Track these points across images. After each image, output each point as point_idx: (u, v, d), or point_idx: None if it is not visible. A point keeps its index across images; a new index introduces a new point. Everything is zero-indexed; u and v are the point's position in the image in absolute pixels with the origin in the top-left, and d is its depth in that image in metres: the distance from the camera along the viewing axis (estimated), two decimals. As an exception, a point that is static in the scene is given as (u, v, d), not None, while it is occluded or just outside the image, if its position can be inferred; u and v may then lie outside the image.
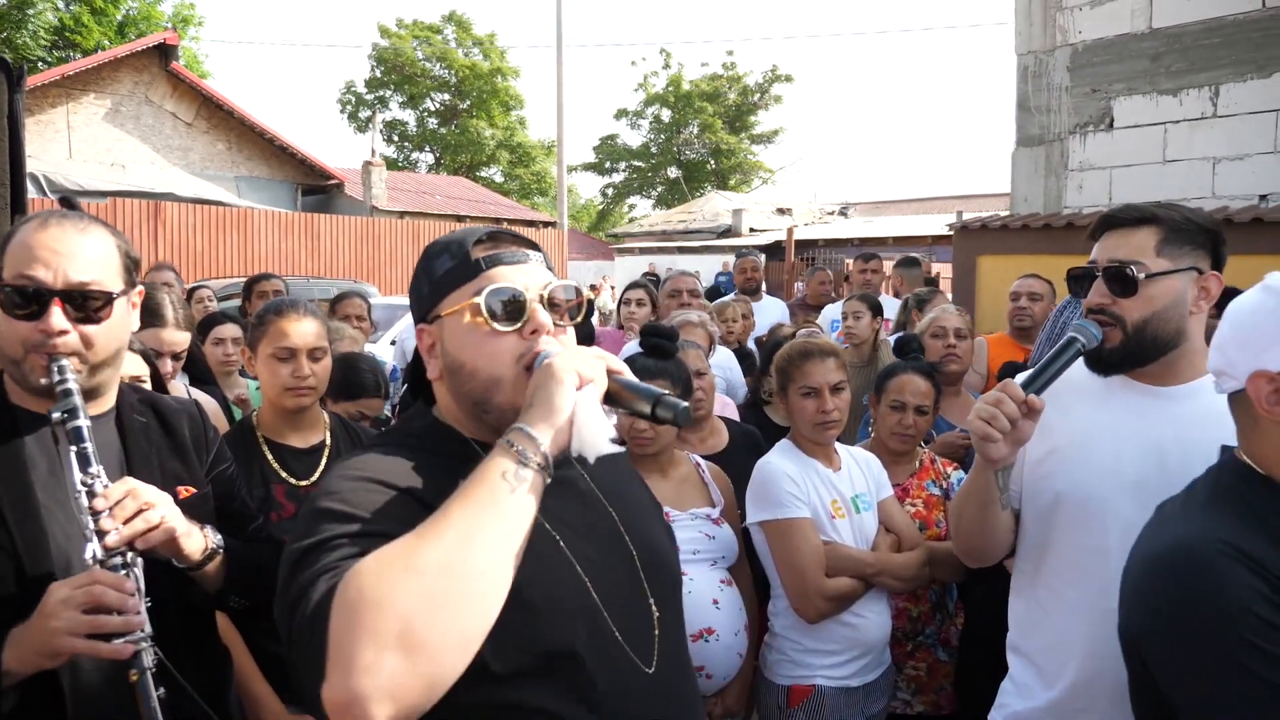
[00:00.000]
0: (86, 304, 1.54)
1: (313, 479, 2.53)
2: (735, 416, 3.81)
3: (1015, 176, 8.62)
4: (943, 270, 10.35)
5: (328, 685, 1.01)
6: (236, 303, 9.94)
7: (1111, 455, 1.86)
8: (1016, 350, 4.53)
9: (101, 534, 1.42)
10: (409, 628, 1.00)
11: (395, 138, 40.12)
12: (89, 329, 1.54)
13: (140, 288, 1.70)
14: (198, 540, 1.60)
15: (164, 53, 20.65)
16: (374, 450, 1.34)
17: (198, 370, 3.85)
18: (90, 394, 1.60)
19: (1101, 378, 1.91)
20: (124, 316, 1.63)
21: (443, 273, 1.35)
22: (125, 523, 1.44)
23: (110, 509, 1.44)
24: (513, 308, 1.30)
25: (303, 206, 22.42)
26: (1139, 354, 1.86)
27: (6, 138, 3.85)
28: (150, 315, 2.95)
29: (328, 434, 2.63)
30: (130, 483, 1.50)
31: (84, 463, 1.45)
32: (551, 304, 1.34)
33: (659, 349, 2.85)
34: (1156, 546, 1.44)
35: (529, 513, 1.13)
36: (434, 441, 1.36)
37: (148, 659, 1.39)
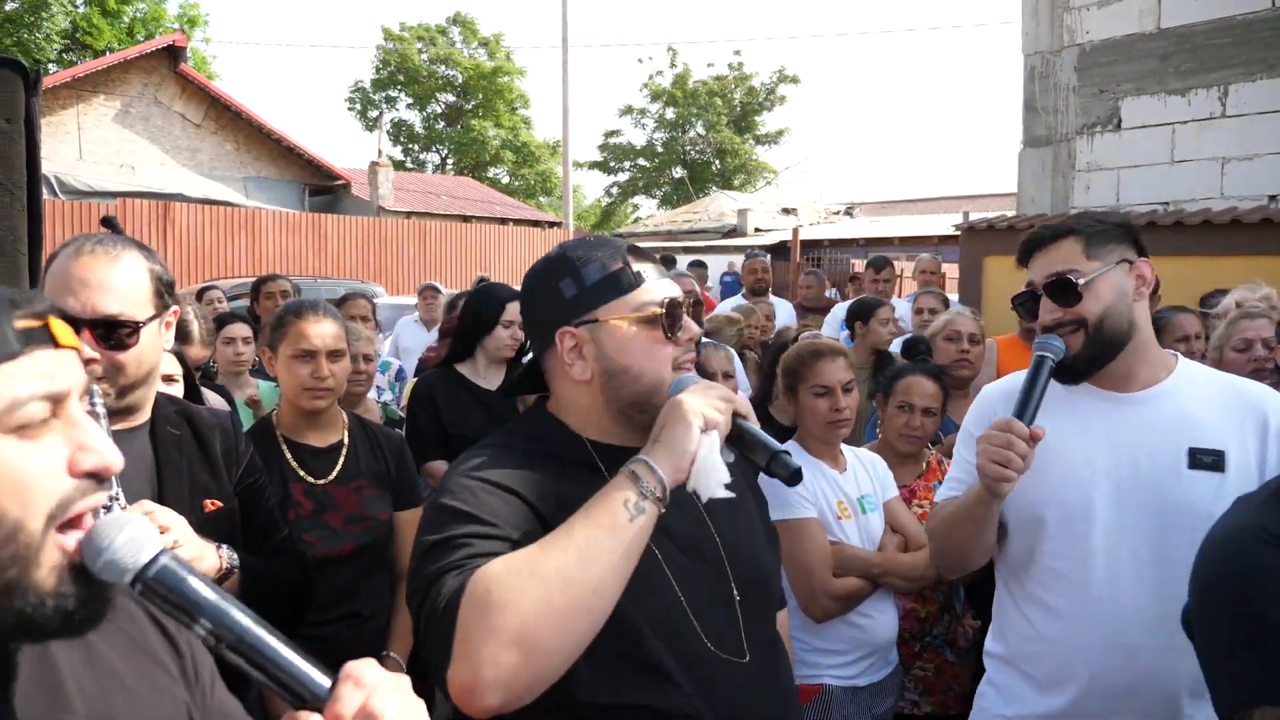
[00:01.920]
0: (115, 333, 1.61)
1: (330, 478, 2.57)
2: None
3: (1022, 177, 8.61)
4: (949, 270, 10.32)
5: (454, 669, 1.15)
6: (244, 302, 10.00)
7: (1085, 464, 1.91)
8: (1026, 351, 4.53)
9: None
10: (526, 630, 1.14)
11: (402, 138, 40.17)
12: (118, 355, 1.61)
13: (175, 309, 1.76)
14: (211, 561, 1.63)
15: (173, 54, 20.73)
16: (495, 450, 1.44)
17: (204, 369, 3.89)
18: (125, 411, 1.66)
19: (1065, 390, 1.95)
20: (154, 340, 1.68)
21: (597, 280, 1.44)
22: None
23: None
24: (674, 319, 1.43)
25: (310, 207, 22.47)
26: (1103, 353, 1.91)
27: (23, 140, 3.91)
28: (179, 335, 3.02)
29: (346, 433, 2.67)
30: (147, 505, 1.53)
31: None
32: (689, 313, 1.48)
33: None
34: (1212, 533, 1.48)
35: (643, 540, 1.25)
36: (555, 443, 1.46)
37: None
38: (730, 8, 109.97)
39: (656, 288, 1.45)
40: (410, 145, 40.52)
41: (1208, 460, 1.84)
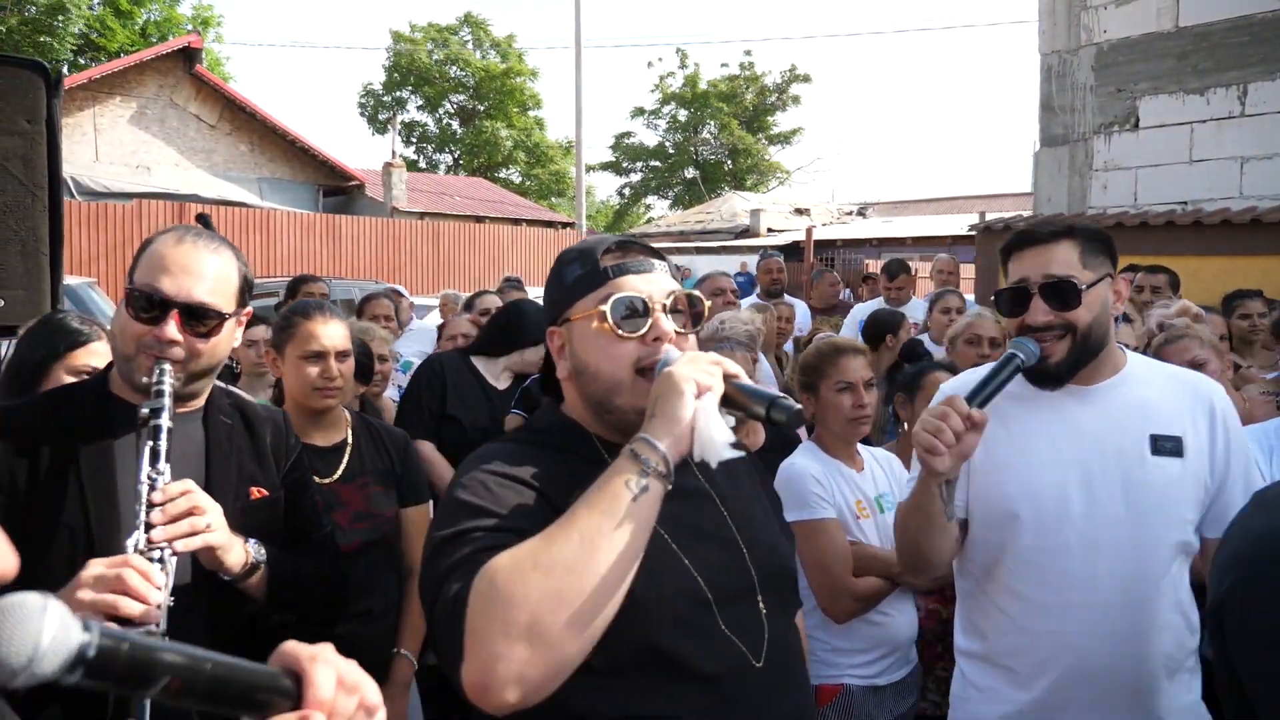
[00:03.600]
0: (201, 320, 1.66)
1: (335, 477, 2.59)
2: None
3: (1039, 176, 8.58)
4: (964, 270, 10.28)
5: (466, 667, 1.14)
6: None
7: (1054, 457, 1.95)
8: None
9: (149, 526, 1.48)
10: (536, 621, 1.12)
11: (414, 139, 40.30)
12: (197, 342, 1.67)
13: (249, 309, 1.82)
14: (238, 554, 1.65)
15: (188, 56, 20.87)
16: (505, 445, 1.44)
17: (228, 369, 3.92)
18: (184, 396, 1.71)
19: (1031, 387, 1.98)
20: (230, 334, 1.75)
21: (573, 279, 1.44)
22: (173, 520, 1.50)
23: (163, 504, 1.50)
24: (636, 315, 1.38)
25: (324, 208, 22.58)
26: (1083, 360, 1.95)
27: (45, 142, 3.95)
28: None
29: (349, 432, 2.69)
30: (189, 484, 1.56)
31: (154, 458, 1.52)
32: (674, 312, 1.41)
33: None
34: (1251, 530, 1.45)
35: (650, 519, 1.22)
36: (561, 438, 1.46)
37: None
38: (742, 7, 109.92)
39: (622, 283, 1.40)
40: (423, 146, 40.66)
41: (1168, 446, 1.91)
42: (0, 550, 0.74)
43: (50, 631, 0.68)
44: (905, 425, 3.24)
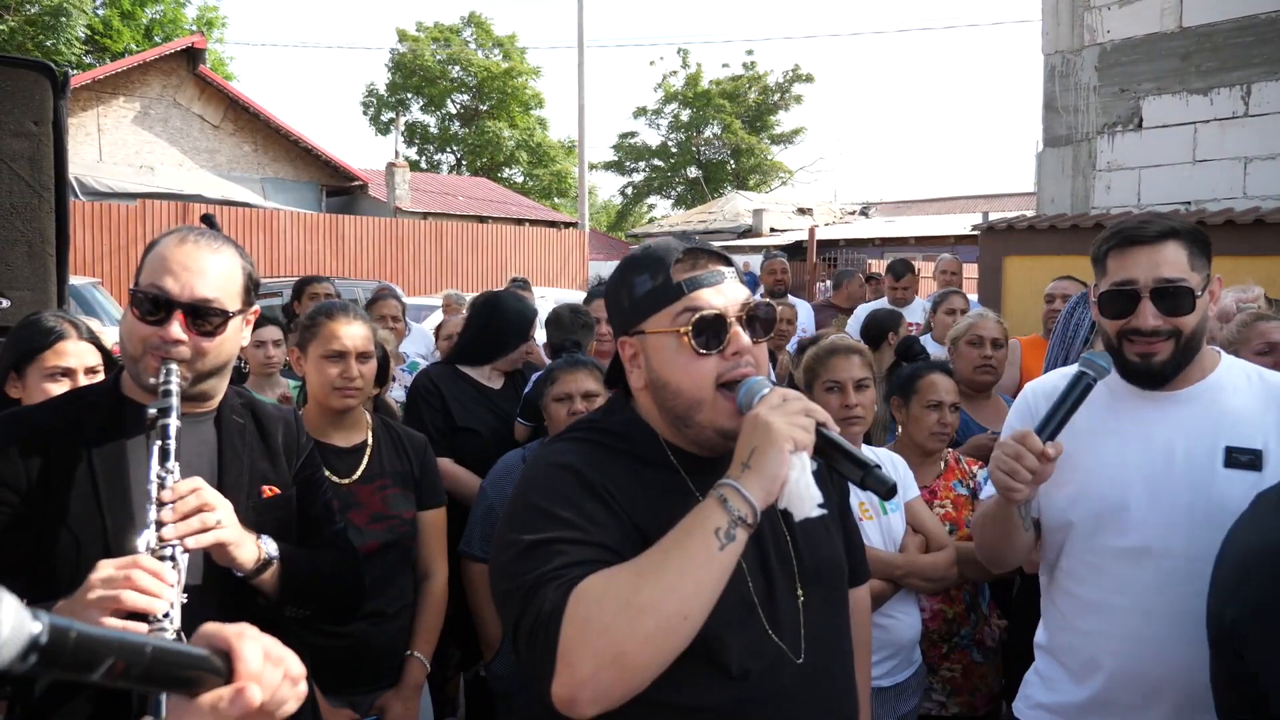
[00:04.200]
0: (205, 319, 1.67)
1: (355, 477, 2.60)
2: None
3: (1042, 177, 8.57)
4: (967, 270, 10.28)
5: (557, 682, 1.23)
6: (265, 303, 10.08)
7: (1119, 462, 1.92)
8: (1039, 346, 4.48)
9: (160, 525, 1.49)
10: (622, 653, 1.21)
11: (417, 139, 40.31)
12: (203, 341, 1.67)
13: (256, 307, 1.82)
14: (250, 550, 1.65)
15: (192, 56, 20.89)
16: (577, 446, 1.46)
17: (237, 370, 3.93)
18: (196, 397, 1.72)
19: (1107, 390, 1.94)
20: (236, 333, 1.75)
21: (644, 291, 1.44)
22: (183, 518, 1.51)
23: (173, 503, 1.51)
24: (715, 331, 1.39)
25: (327, 208, 22.60)
26: (1185, 363, 1.89)
27: (51, 143, 3.96)
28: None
29: (370, 434, 2.70)
30: (198, 482, 1.56)
31: (163, 457, 1.53)
32: (748, 321, 1.43)
33: None
34: (1260, 540, 1.43)
35: (731, 564, 1.27)
36: (635, 442, 1.47)
37: None
38: (744, 7, 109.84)
39: (698, 298, 1.40)
40: (425, 146, 40.67)
41: (1244, 459, 1.83)
42: None
43: (8, 623, 0.71)
44: (900, 428, 3.24)
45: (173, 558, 1.47)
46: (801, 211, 27.71)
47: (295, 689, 0.96)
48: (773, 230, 24.91)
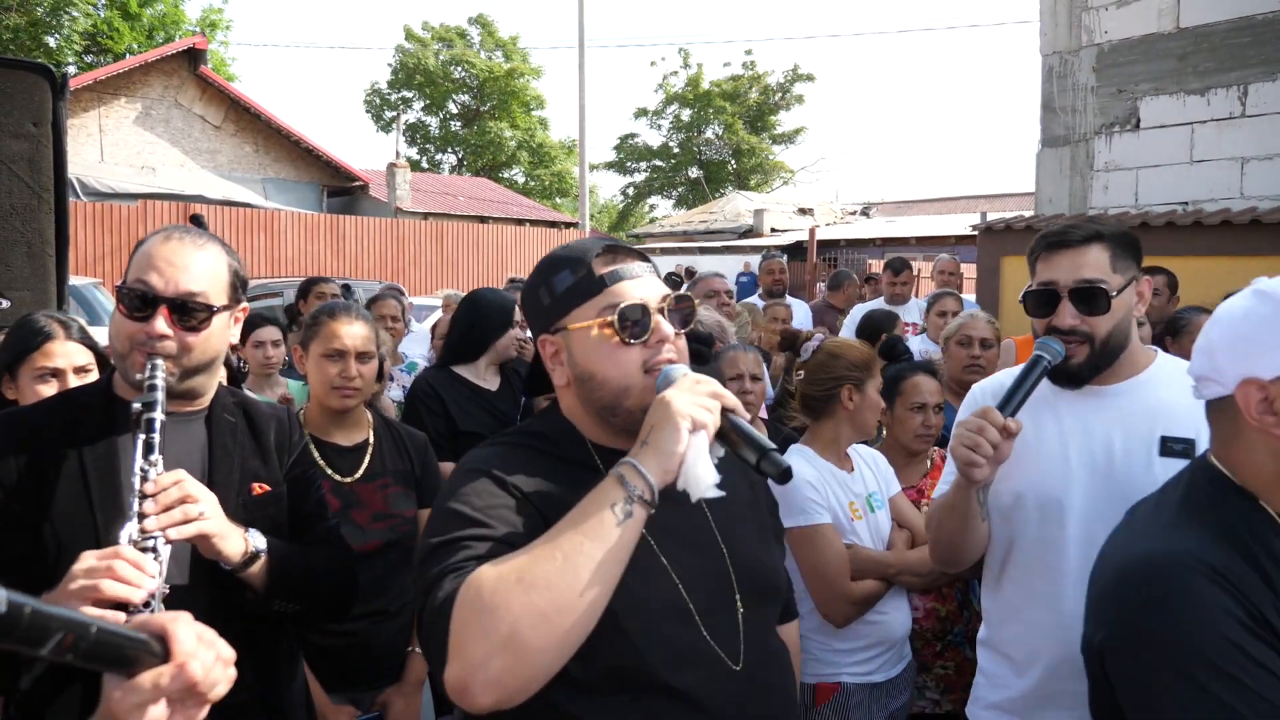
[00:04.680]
0: (190, 314, 1.69)
1: (356, 476, 2.62)
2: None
3: (1040, 177, 8.58)
4: (967, 270, 10.29)
5: (449, 669, 1.20)
6: (266, 303, 10.11)
7: (1060, 454, 1.99)
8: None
9: (142, 516, 1.50)
10: (515, 633, 1.17)
11: (418, 139, 40.35)
12: (188, 336, 1.69)
13: (245, 305, 1.83)
14: (236, 543, 1.66)
15: (193, 57, 20.92)
16: (500, 449, 1.47)
17: (236, 371, 3.95)
18: (185, 395, 1.74)
19: (1048, 385, 2.00)
20: (223, 329, 1.77)
21: (565, 287, 1.46)
22: (165, 510, 1.52)
23: (155, 495, 1.52)
24: (640, 322, 1.42)
25: (328, 208, 22.63)
26: (1104, 363, 1.98)
27: (51, 144, 3.98)
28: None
29: (371, 433, 2.73)
30: (180, 474, 1.57)
31: (147, 450, 1.54)
32: (667, 314, 1.45)
33: (696, 355, 2.89)
34: (1127, 557, 1.40)
35: (631, 542, 1.26)
36: (558, 443, 1.48)
37: None
38: (745, 7, 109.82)
39: (620, 290, 1.43)
40: (426, 146, 40.71)
41: (1178, 448, 1.93)
42: None
43: None
44: (885, 429, 3.25)
45: (154, 549, 1.48)
46: (802, 211, 27.72)
47: (226, 671, 1.01)
48: (774, 230, 24.92)
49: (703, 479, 1.27)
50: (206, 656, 0.98)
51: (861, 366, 2.86)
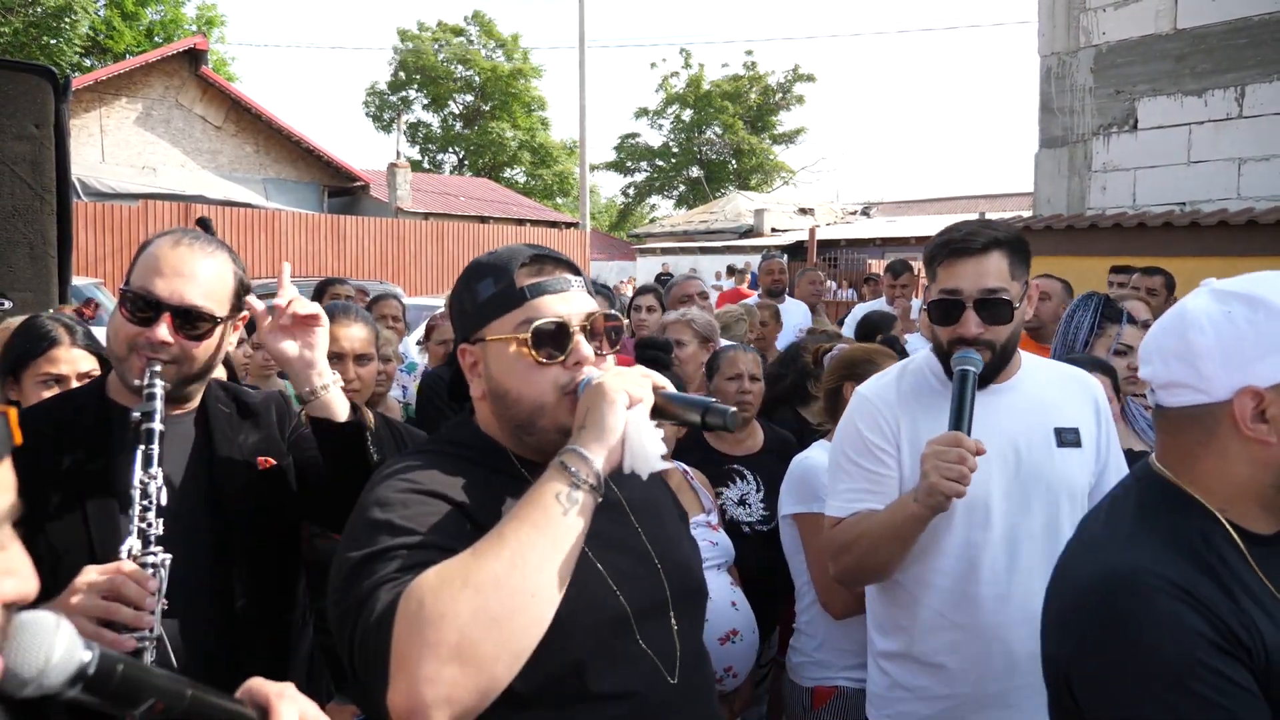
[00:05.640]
0: (193, 324, 1.67)
1: None
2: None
3: (1038, 177, 8.61)
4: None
5: (393, 690, 1.09)
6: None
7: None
8: (1036, 349, 4.48)
9: (143, 531, 1.50)
10: (465, 641, 1.08)
11: (419, 139, 40.37)
12: (190, 345, 1.67)
13: (245, 313, 1.81)
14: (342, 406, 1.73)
15: (193, 57, 20.94)
16: (422, 458, 1.38)
17: (232, 371, 3.96)
18: (179, 399, 1.73)
19: (940, 387, 2.04)
20: (223, 338, 1.75)
21: (486, 297, 1.38)
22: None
23: (155, 507, 1.52)
24: (557, 340, 1.33)
25: (329, 208, 22.65)
26: (1000, 368, 2.01)
27: (53, 146, 4.00)
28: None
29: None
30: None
31: (146, 462, 1.54)
32: (592, 333, 1.37)
33: (654, 360, 2.92)
34: (1087, 573, 1.36)
35: (581, 532, 1.18)
36: (479, 453, 1.40)
37: (148, 658, 1.44)
38: (745, 8, 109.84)
39: (540, 305, 1.34)
40: (427, 146, 40.74)
41: (1070, 438, 2.01)
42: (23, 572, 0.79)
43: (60, 648, 0.77)
44: None
45: (154, 565, 1.47)
46: (803, 211, 27.74)
47: None
48: (774, 230, 24.94)
49: (650, 452, 1.22)
50: None
51: (861, 363, 2.89)
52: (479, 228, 21.62)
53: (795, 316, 6.68)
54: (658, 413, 1.29)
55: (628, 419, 1.23)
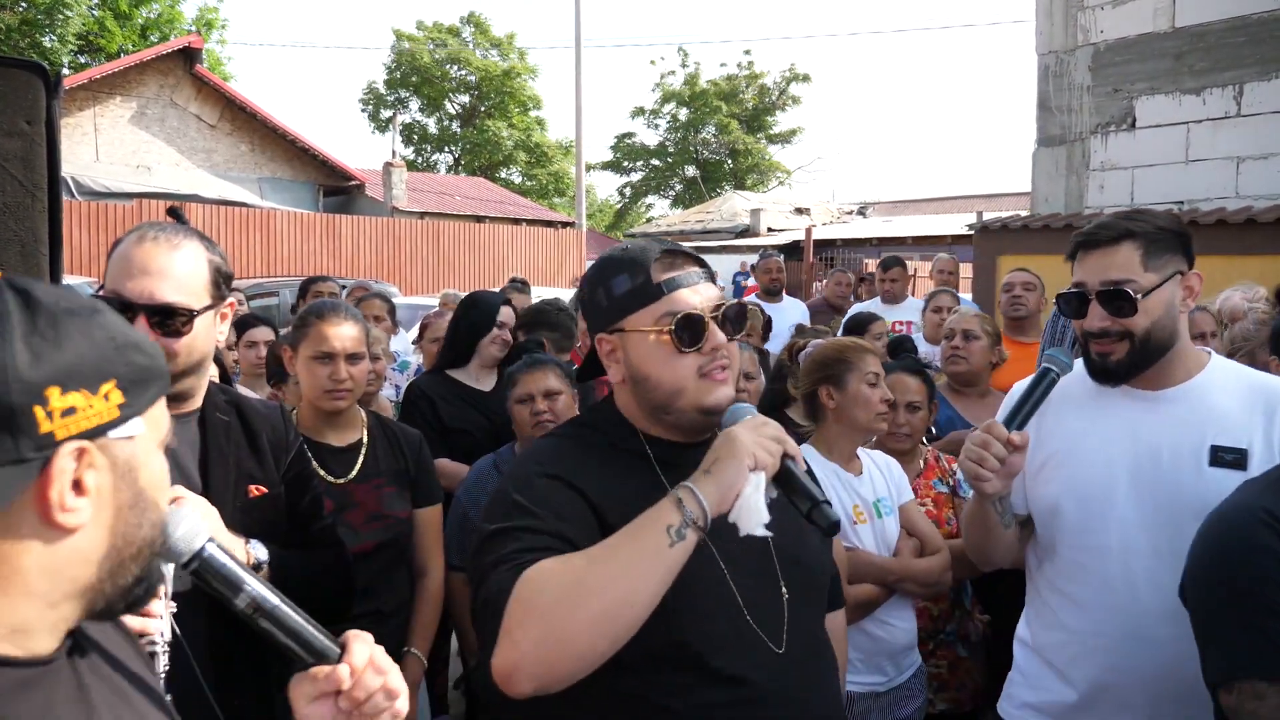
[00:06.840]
0: (169, 320, 1.64)
1: (350, 476, 2.60)
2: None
3: (1036, 176, 8.59)
4: (964, 270, 10.28)
5: (498, 655, 1.29)
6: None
7: (1104, 459, 1.94)
8: (1010, 344, 4.39)
9: None
10: (564, 633, 1.26)
11: (415, 139, 40.28)
12: (171, 342, 1.64)
13: (231, 299, 1.78)
14: (239, 555, 1.63)
15: (188, 56, 20.87)
16: (557, 440, 1.60)
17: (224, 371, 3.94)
18: (176, 397, 1.69)
19: (1096, 388, 1.97)
20: (208, 329, 1.72)
21: (623, 291, 1.53)
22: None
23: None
24: (695, 330, 1.48)
25: (324, 207, 22.58)
26: (1144, 362, 1.91)
27: (44, 143, 3.97)
28: None
29: (365, 432, 2.70)
30: (178, 490, 1.54)
31: None
32: (722, 320, 1.51)
33: None
34: (1216, 511, 1.55)
35: (680, 562, 1.33)
36: (614, 434, 1.57)
37: (160, 663, 1.44)
38: (742, 7, 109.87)
39: (677, 299, 1.49)
40: (423, 146, 40.65)
41: (1229, 458, 1.85)
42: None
43: (184, 525, 1.05)
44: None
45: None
46: (799, 211, 27.71)
47: (391, 703, 1.05)
48: (770, 230, 24.92)
49: (754, 517, 1.34)
50: (372, 681, 1.04)
51: (834, 363, 2.78)
52: (475, 227, 21.57)
53: (792, 316, 6.66)
54: (776, 479, 1.41)
55: (749, 478, 1.35)
